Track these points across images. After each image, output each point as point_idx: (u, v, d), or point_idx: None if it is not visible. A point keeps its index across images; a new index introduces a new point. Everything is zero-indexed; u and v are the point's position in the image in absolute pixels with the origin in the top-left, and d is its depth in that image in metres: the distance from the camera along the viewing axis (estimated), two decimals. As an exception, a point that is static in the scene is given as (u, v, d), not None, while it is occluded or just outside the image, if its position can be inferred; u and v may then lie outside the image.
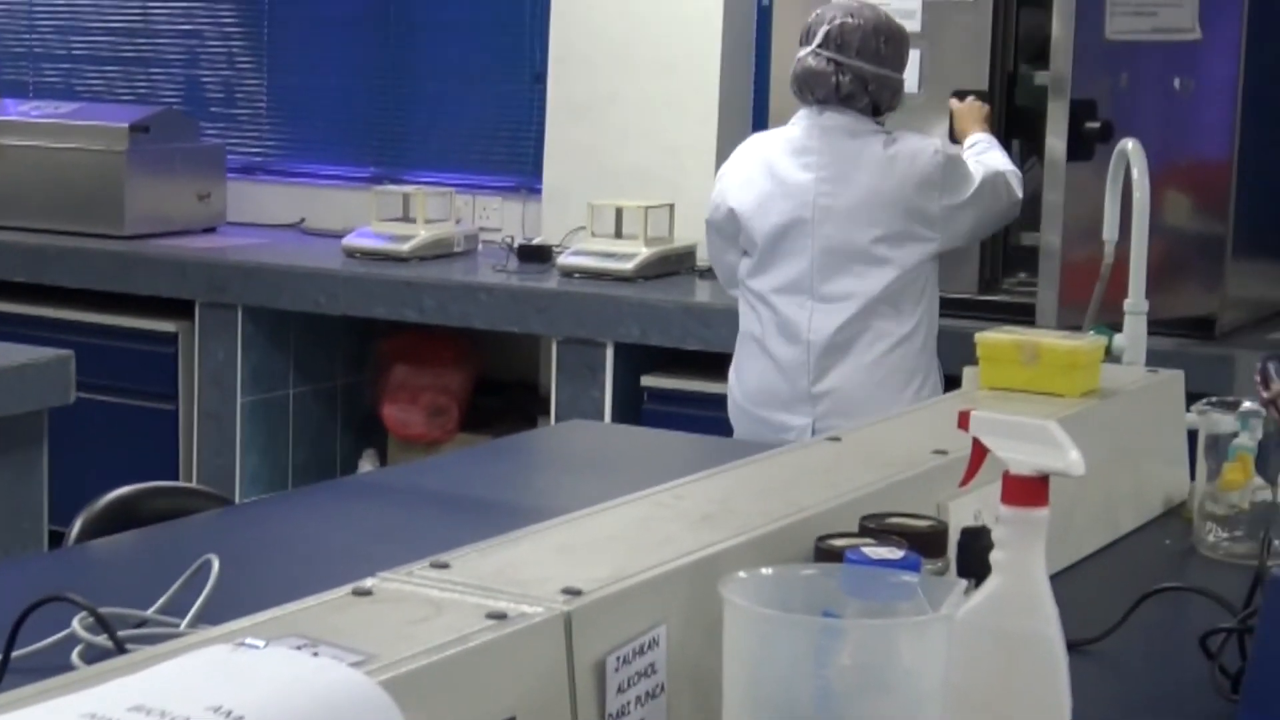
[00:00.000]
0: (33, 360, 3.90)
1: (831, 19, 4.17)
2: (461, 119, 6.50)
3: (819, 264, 4.18)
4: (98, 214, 6.22)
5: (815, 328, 4.18)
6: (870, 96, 4.16)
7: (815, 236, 4.17)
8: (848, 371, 4.17)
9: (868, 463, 2.19)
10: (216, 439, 5.79)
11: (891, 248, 4.14)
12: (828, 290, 4.18)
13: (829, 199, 4.15)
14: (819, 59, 4.14)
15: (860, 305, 4.15)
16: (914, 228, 4.14)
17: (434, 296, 5.41)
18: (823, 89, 4.14)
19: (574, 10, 5.93)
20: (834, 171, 4.15)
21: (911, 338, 4.17)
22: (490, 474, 3.14)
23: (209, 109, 6.97)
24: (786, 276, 4.22)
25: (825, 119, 4.17)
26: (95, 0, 7.20)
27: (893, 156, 4.13)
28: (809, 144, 4.18)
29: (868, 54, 4.13)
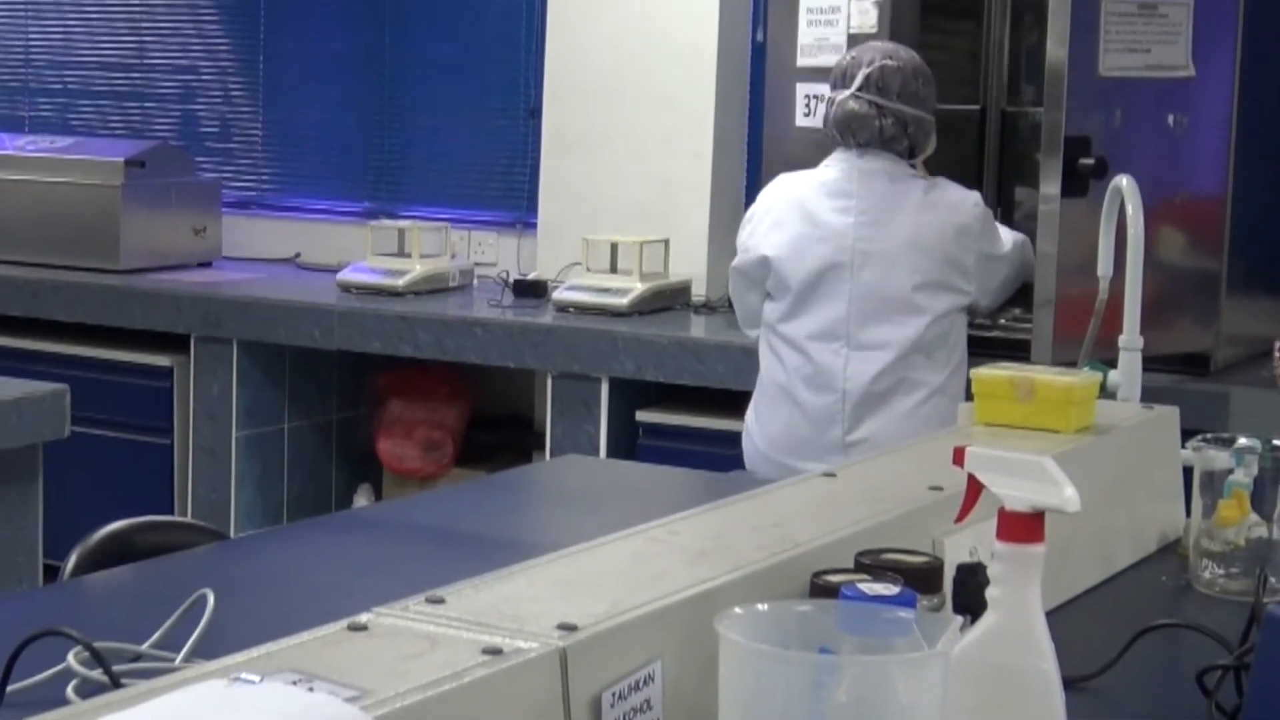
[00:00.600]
0: (28, 394, 3.90)
1: (870, 61, 4.13)
2: (456, 154, 6.51)
3: (856, 310, 4.12)
4: (93, 248, 6.22)
5: (851, 375, 4.11)
6: (909, 139, 4.14)
7: (854, 281, 4.12)
8: (883, 421, 4.09)
9: (863, 498, 2.19)
10: (211, 473, 5.79)
11: (929, 296, 4.10)
12: (864, 337, 4.11)
13: (868, 243, 4.10)
14: (860, 102, 4.10)
15: (897, 354, 4.08)
16: (951, 277, 4.11)
17: (429, 331, 5.41)
18: (866, 132, 4.11)
19: (568, 46, 5.94)
20: (874, 216, 4.10)
21: (945, 389, 4.10)
22: (485, 509, 3.14)
23: (205, 144, 6.98)
24: (822, 322, 4.15)
25: (865, 162, 4.13)
26: (91, 35, 7.22)
27: (934, 203, 4.10)
28: (848, 187, 4.14)
29: (908, 96, 4.11)
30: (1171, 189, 4.45)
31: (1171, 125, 4.42)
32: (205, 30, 6.98)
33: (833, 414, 4.13)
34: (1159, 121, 4.40)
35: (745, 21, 5.79)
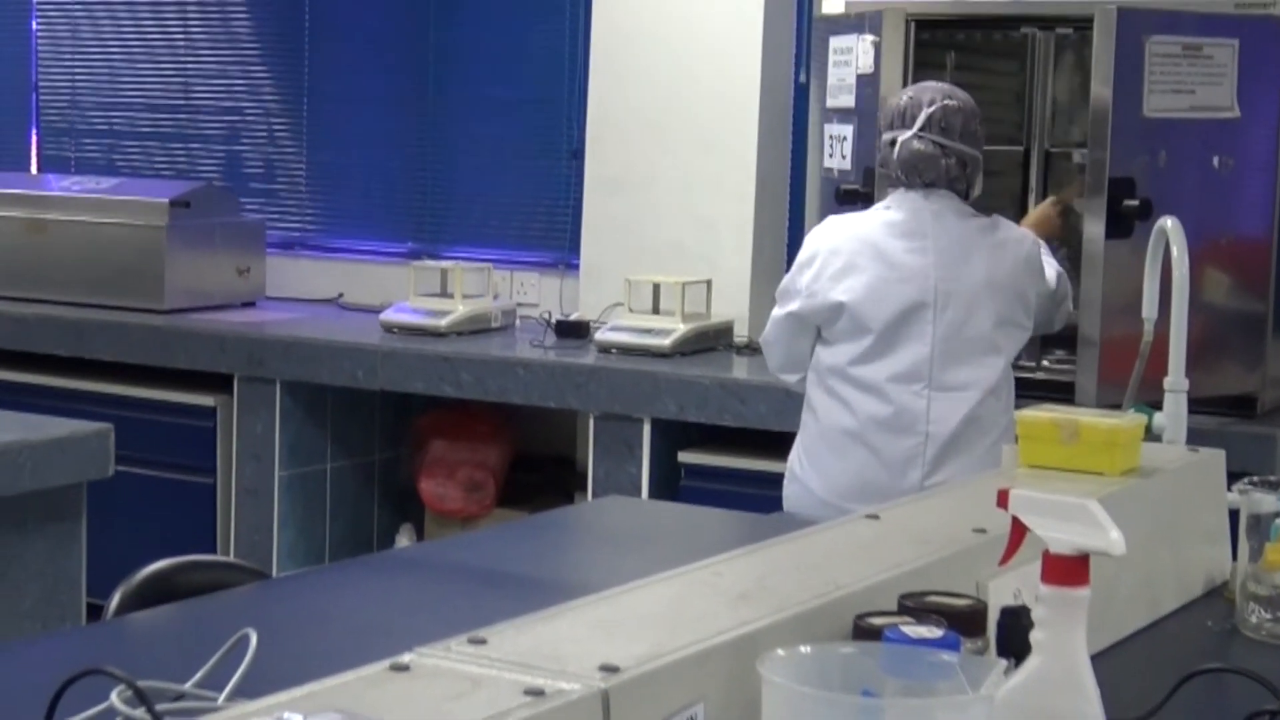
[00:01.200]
0: (72, 433, 3.92)
1: (931, 102, 4.07)
2: (499, 195, 6.52)
3: (940, 351, 4.02)
4: (138, 288, 6.25)
5: (935, 418, 4.01)
6: (967, 179, 4.11)
7: (936, 322, 4.03)
8: (963, 464, 3.99)
9: (907, 540, 2.18)
10: (254, 513, 5.80)
11: (1005, 335, 4.06)
12: (947, 379, 4.02)
13: (950, 283, 4.02)
14: (924, 142, 4.04)
15: (979, 395, 4.01)
16: (1019, 315, 4.08)
17: (471, 372, 5.42)
18: (933, 171, 4.05)
19: (611, 87, 5.96)
20: (952, 255, 4.04)
21: (1009, 430, 3.87)
22: (527, 549, 3.13)
23: (249, 184, 7.01)
24: (904, 364, 4.04)
25: (932, 202, 4.07)
26: (137, 77, 7.26)
27: (1001, 242, 4.07)
28: (920, 227, 4.06)
29: (968, 136, 4.07)
30: (1216, 230, 4.44)
31: (1216, 167, 4.41)
32: (250, 71, 7.02)
33: (913, 457, 4.02)
34: (1204, 163, 4.39)
35: (788, 63, 5.79)
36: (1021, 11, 4.80)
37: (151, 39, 7.22)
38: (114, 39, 7.31)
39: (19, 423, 4.08)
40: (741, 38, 5.71)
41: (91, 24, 7.35)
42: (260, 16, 6.99)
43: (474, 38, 6.54)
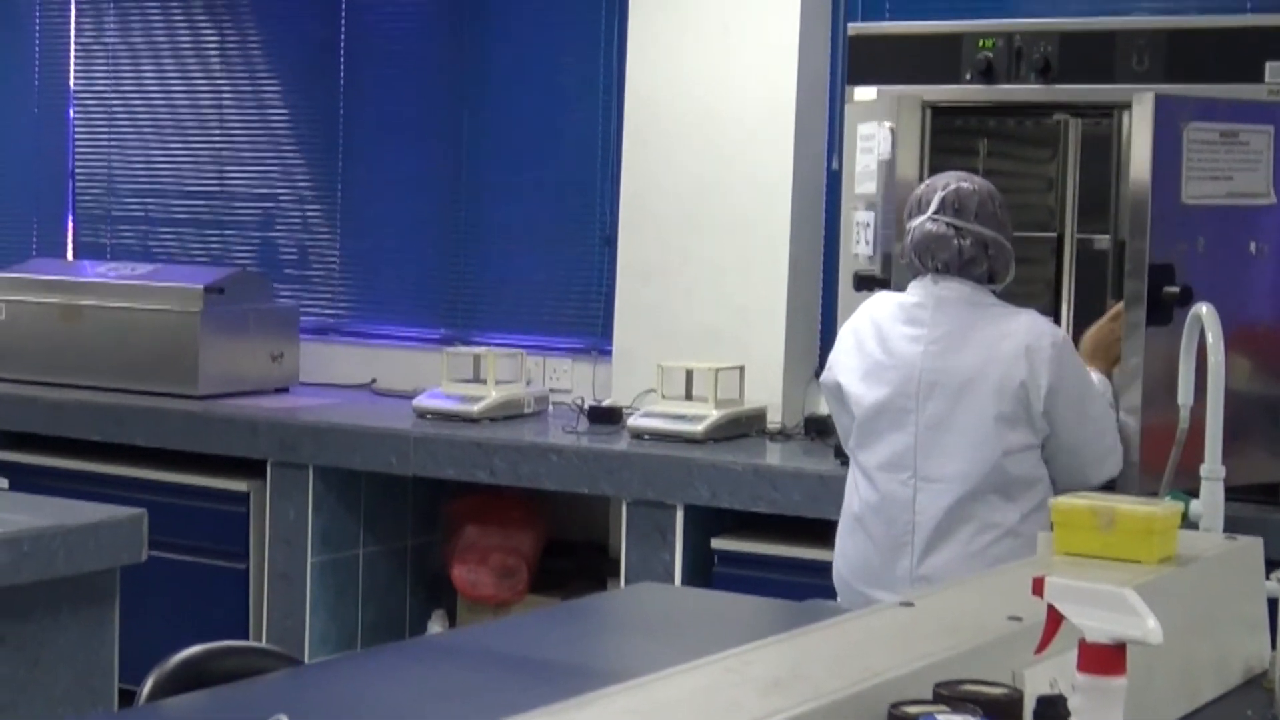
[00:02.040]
0: (106, 519, 3.92)
1: (946, 185, 4.05)
2: (532, 280, 6.54)
3: (923, 440, 3.99)
4: (172, 374, 6.28)
5: (920, 508, 3.99)
6: (989, 263, 4.02)
7: (919, 411, 4.00)
8: (950, 559, 3.96)
9: (941, 628, 2.16)
10: (286, 598, 5.79)
11: (1001, 430, 3.95)
12: (932, 469, 3.98)
13: (936, 374, 3.99)
14: (938, 224, 4.01)
15: (966, 488, 3.95)
16: (1020, 412, 3.94)
17: (504, 457, 5.42)
18: (945, 253, 4.01)
19: (644, 172, 5.98)
20: (945, 345, 3.99)
21: (1019, 531, 3.93)
22: (560, 636, 3.12)
23: (283, 270, 7.04)
24: (890, 452, 4.04)
25: (942, 288, 4.03)
26: (172, 163, 7.32)
27: (1006, 334, 3.97)
28: (922, 314, 4.03)
29: (985, 217, 4.01)
30: (1254, 316, 4.42)
31: (1253, 252, 4.40)
32: (284, 158, 7.07)
33: (901, 545, 4.01)
34: (1241, 248, 4.38)
35: (821, 149, 5.81)
36: (1046, 99, 4.80)
37: (186, 126, 7.27)
38: (149, 126, 7.37)
39: (53, 508, 4.09)
40: (774, 124, 5.73)
41: (127, 111, 7.41)
42: (294, 104, 7.04)
43: (507, 124, 6.57)
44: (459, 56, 6.67)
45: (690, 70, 5.89)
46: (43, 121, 7.63)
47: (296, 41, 7.04)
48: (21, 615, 3.74)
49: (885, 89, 4.93)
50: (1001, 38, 4.81)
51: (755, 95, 5.77)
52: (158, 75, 7.34)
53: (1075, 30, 4.80)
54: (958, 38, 4.88)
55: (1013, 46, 4.79)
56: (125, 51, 7.40)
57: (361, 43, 6.88)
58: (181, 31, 7.27)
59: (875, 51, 5.03)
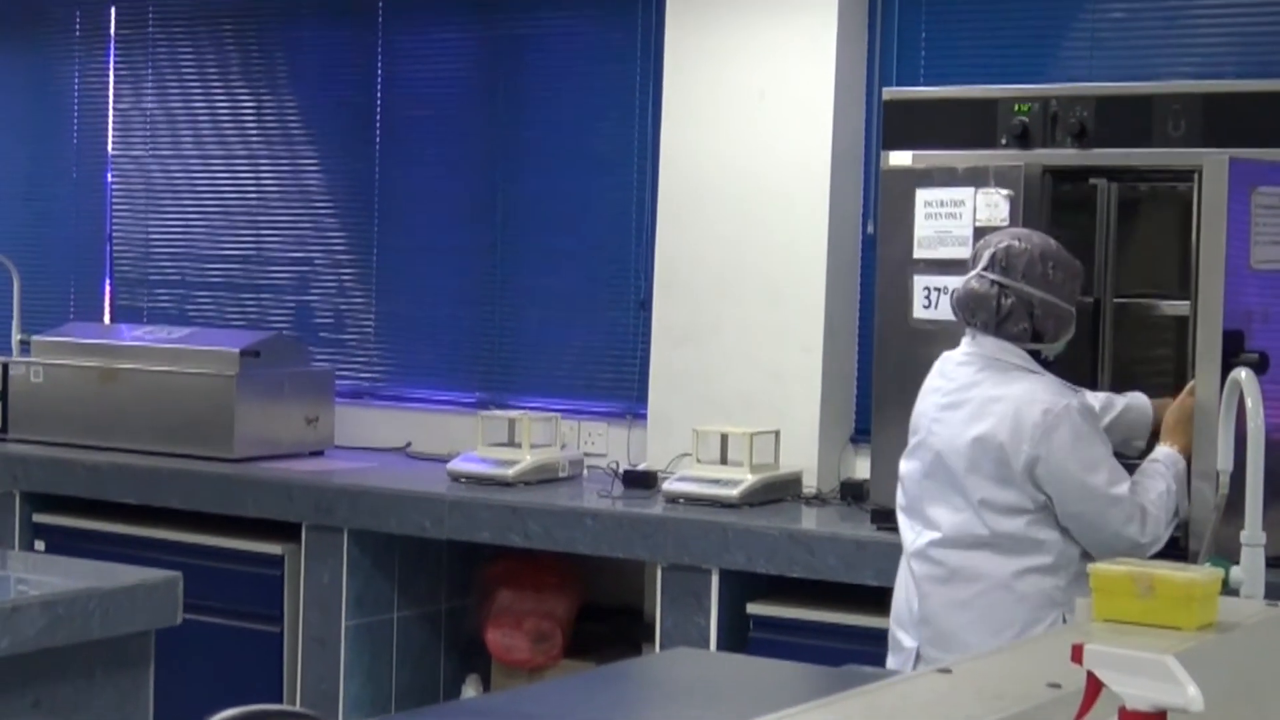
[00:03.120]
0: (142, 581, 3.92)
1: (998, 243, 4.11)
2: (567, 345, 6.54)
3: (925, 489, 4.13)
4: (208, 437, 6.29)
5: (919, 555, 4.13)
6: (1034, 323, 4.06)
7: (924, 461, 4.13)
8: (941, 604, 4.08)
9: (979, 696, 2.15)
10: (320, 662, 5.79)
11: (977, 485, 4.02)
12: (929, 515, 4.12)
13: (938, 426, 4.10)
14: (982, 281, 4.07)
15: (947, 535, 4.07)
16: (1001, 472, 4.00)
17: (539, 521, 5.41)
18: (984, 311, 4.07)
19: (678, 237, 5.99)
20: (950, 400, 4.09)
21: (1012, 586, 4.00)
22: (594, 701, 3.11)
23: (318, 334, 7.06)
24: (906, 497, 4.21)
25: (975, 345, 4.12)
26: (209, 229, 7.35)
27: (1003, 396, 4.02)
28: (951, 369, 4.15)
29: (1034, 277, 4.05)
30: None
31: None
32: (320, 223, 7.10)
33: (910, 589, 4.16)
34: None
35: (856, 213, 5.82)
36: (1081, 163, 4.80)
37: (223, 191, 7.31)
38: (186, 191, 7.41)
39: (89, 570, 4.10)
40: (809, 189, 5.74)
41: (164, 176, 7.45)
42: (330, 169, 7.08)
43: (542, 189, 6.59)
44: (494, 122, 6.70)
45: (724, 136, 5.90)
46: (81, 186, 7.68)
47: (332, 107, 7.08)
48: (57, 678, 3.74)
49: (921, 153, 4.94)
50: (1037, 102, 4.82)
51: (790, 160, 5.78)
52: (195, 141, 7.38)
53: (1111, 94, 4.80)
54: (993, 102, 4.89)
55: (1048, 111, 4.80)
56: (163, 117, 7.46)
57: (397, 109, 6.92)
58: (219, 97, 7.32)
59: (910, 116, 5.04)
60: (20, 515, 6.36)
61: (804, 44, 5.76)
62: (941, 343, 4.37)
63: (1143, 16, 5.47)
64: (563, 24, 6.58)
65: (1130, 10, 5.49)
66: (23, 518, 6.36)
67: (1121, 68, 5.38)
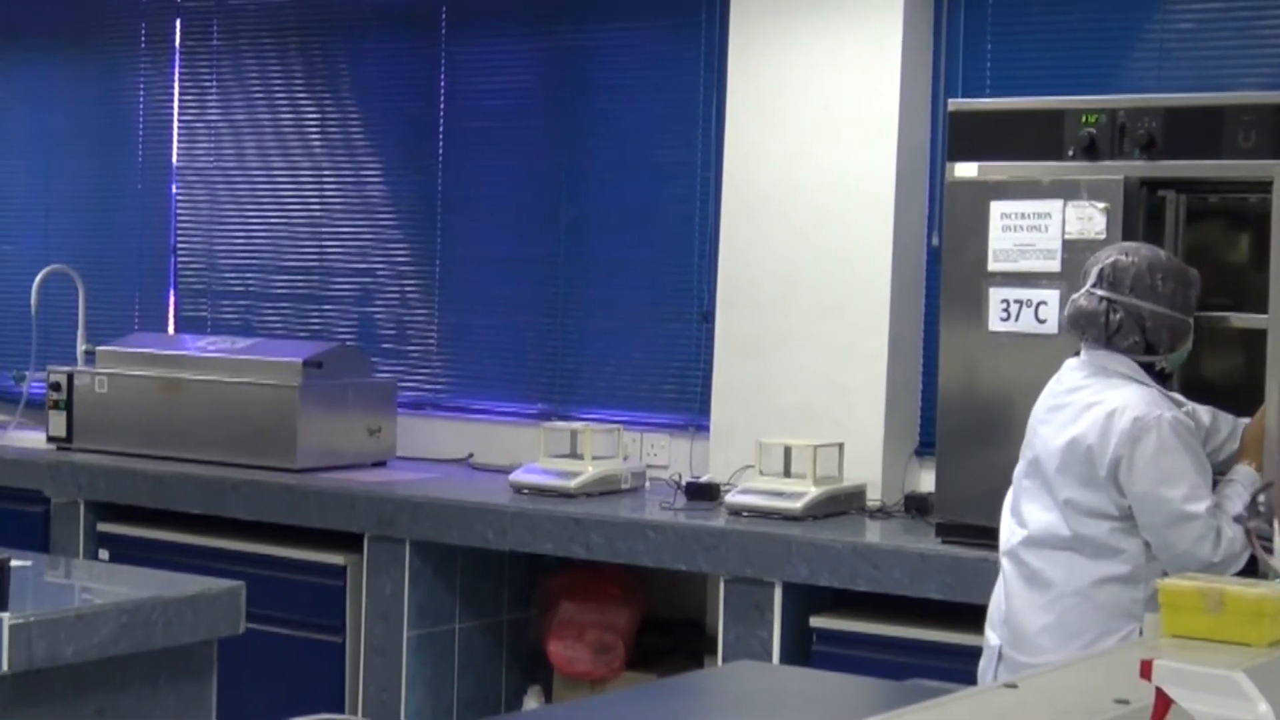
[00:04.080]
0: (205, 591, 3.94)
1: (1106, 258, 4.13)
2: (630, 357, 6.53)
3: (1023, 488, 4.17)
4: (271, 447, 6.31)
5: (1008, 551, 4.16)
6: (1146, 336, 4.07)
7: (1026, 461, 4.17)
8: (1022, 605, 4.09)
9: (1046, 711, 2.13)
10: (382, 673, 5.79)
11: (1065, 487, 4.05)
12: (1022, 515, 4.15)
13: (1043, 428, 4.13)
14: (1091, 298, 4.09)
15: (1038, 537, 4.08)
16: (1087, 474, 4.02)
17: (601, 533, 5.40)
18: (1094, 328, 4.08)
19: (742, 249, 5.97)
20: (1057, 403, 4.12)
21: (1089, 594, 4.01)
22: (657, 714, 3.09)
23: (381, 345, 7.08)
24: (1011, 496, 4.24)
25: (1085, 356, 4.14)
26: (273, 240, 7.38)
27: (1100, 401, 4.04)
28: (1063, 374, 4.18)
29: (1142, 290, 4.06)
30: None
31: None
32: (383, 234, 7.11)
33: (1001, 586, 4.19)
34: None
35: (921, 225, 5.79)
36: (1149, 174, 4.75)
37: (287, 202, 7.34)
38: (250, 202, 7.44)
39: (153, 579, 4.12)
40: (874, 200, 5.71)
41: (228, 187, 7.49)
42: (393, 180, 7.09)
43: (605, 201, 6.59)
44: (557, 133, 6.70)
45: (788, 147, 5.88)
46: (146, 197, 7.72)
47: (396, 119, 7.09)
48: (120, 686, 3.75)
49: (990, 164, 4.91)
50: (1105, 113, 4.78)
51: (854, 172, 5.75)
52: (259, 152, 7.41)
53: (1181, 105, 4.76)
54: (1060, 114, 4.85)
55: (1116, 123, 4.76)
56: (227, 128, 7.49)
57: (460, 120, 6.93)
58: (282, 109, 7.35)
59: (976, 127, 5.01)
60: (85, 524, 6.39)
61: (869, 55, 5.74)
62: (1021, 354, 4.36)
63: (1212, 27, 5.43)
64: (626, 35, 6.58)
65: (1200, 20, 5.45)
66: (87, 527, 6.39)
67: (1191, 78, 5.33)
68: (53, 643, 3.56)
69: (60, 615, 3.61)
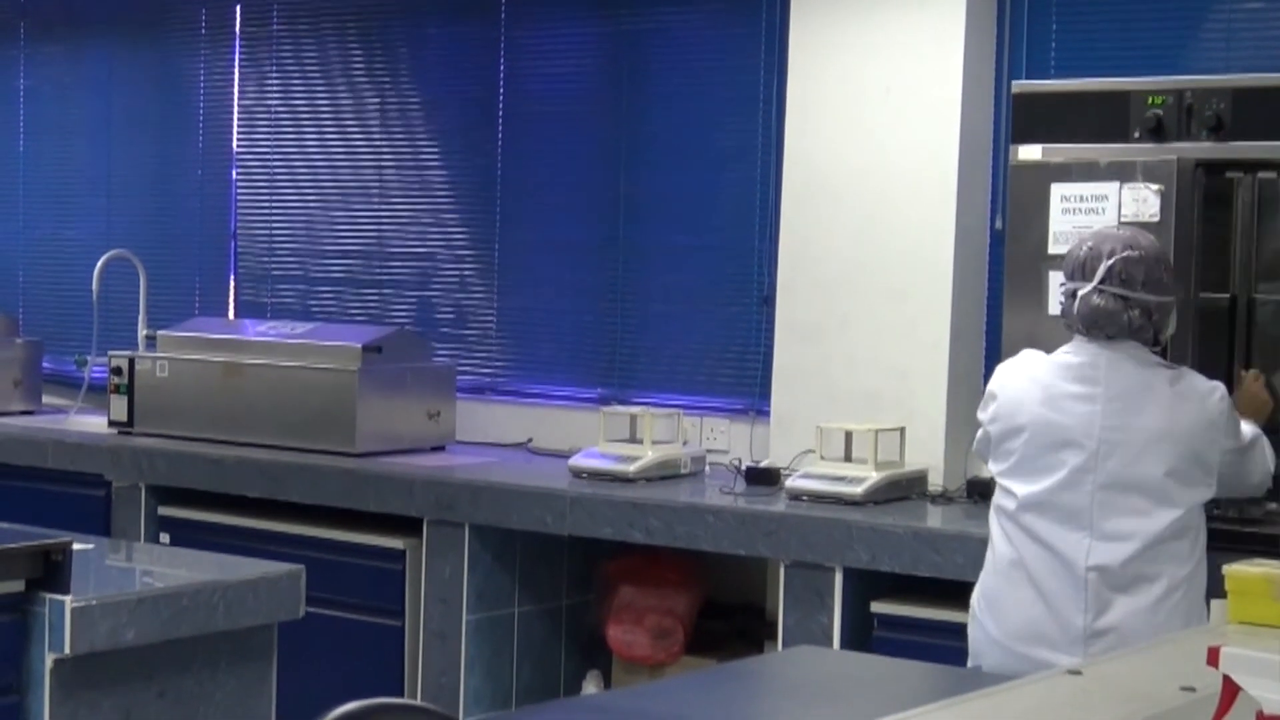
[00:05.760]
0: (265, 574, 3.95)
1: (1111, 253, 4.02)
2: (689, 341, 6.52)
3: (1100, 500, 3.98)
4: (331, 431, 6.32)
5: (1094, 563, 3.97)
6: (1153, 326, 4.05)
7: (1098, 470, 3.99)
8: (1128, 612, 3.95)
9: (1111, 698, 2.11)
10: (441, 656, 5.79)
11: (1177, 486, 3.97)
12: (1109, 527, 3.98)
13: (1116, 432, 3.99)
14: (1105, 296, 4.01)
15: (1143, 544, 3.95)
16: (1194, 470, 3.99)
17: (660, 518, 5.39)
18: (1114, 326, 4.02)
19: (803, 233, 5.94)
20: (1124, 404, 4.00)
21: (1191, 581, 3.97)
22: (716, 699, 3.08)
23: (440, 329, 7.08)
24: (1065, 510, 4.01)
25: (1112, 350, 4.04)
26: (332, 224, 7.39)
27: (1184, 395, 4.00)
28: (1094, 374, 4.04)
29: (1152, 285, 4.02)
30: None
31: None
32: (442, 218, 7.11)
33: (1076, 602, 3.98)
34: None
35: (984, 208, 5.75)
36: (1218, 156, 4.71)
37: (346, 187, 7.35)
38: (310, 187, 7.45)
39: (213, 563, 4.14)
40: (936, 184, 5.68)
41: (288, 173, 7.50)
42: (453, 165, 7.09)
43: (664, 185, 6.57)
44: (617, 118, 6.68)
45: (850, 131, 5.85)
46: (206, 183, 7.74)
47: (456, 103, 7.09)
48: (181, 669, 3.76)
49: (1053, 147, 4.87)
50: (1172, 95, 4.74)
51: (917, 155, 5.72)
52: (318, 137, 7.42)
53: (1249, 86, 4.71)
54: (1125, 95, 4.81)
55: (1183, 104, 4.71)
56: (286, 114, 7.50)
57: (520, 104, 6.92)
58: (342, 94, 7.35)
59: (1040, 109, 4.97)
60: (146, 508, 6.42)
61: (931, 37, 5.70)
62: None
63: (1280, 7, 5.37)
64: (686, 18, 6.55)
65: (1268, 0, 5.39)
66: (148, 511, 6.41)
67: (1259, 59, 5.27)
68: (114, 626, 3.58)
69: (122, 599, 3.63)
